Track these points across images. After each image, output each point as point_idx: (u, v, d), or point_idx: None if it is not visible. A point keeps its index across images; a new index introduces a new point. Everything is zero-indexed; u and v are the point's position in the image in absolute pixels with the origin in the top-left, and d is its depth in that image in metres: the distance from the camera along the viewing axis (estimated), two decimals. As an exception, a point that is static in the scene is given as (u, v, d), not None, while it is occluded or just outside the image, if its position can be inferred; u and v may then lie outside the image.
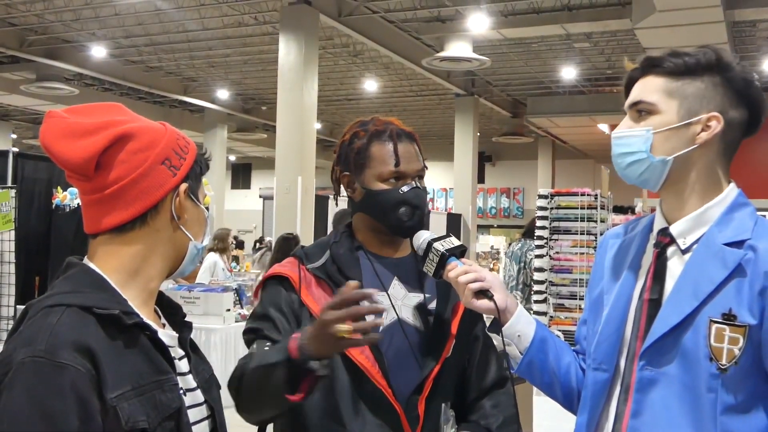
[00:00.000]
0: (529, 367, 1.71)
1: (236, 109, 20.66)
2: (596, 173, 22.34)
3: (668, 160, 1.56)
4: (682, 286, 1.53)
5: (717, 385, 1.45)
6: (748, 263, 1.47)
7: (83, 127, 1.34)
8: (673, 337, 1.50)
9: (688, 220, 1.58)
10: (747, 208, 1.58)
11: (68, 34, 14.83)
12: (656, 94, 1.57)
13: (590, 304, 1.75)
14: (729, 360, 1.45)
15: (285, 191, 10.92)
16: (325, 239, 2.02)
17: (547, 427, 3.28)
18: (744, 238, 1.50)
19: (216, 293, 7.99)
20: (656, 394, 1.51)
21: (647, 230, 1.68)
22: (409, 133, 1.98)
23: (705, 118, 1.54)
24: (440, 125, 22.29)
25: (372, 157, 1.93)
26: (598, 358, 1.63)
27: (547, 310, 6.08)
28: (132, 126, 1.38)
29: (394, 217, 1.91)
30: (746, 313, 1.45)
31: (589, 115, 17.82)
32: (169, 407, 1.30)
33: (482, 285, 1.69)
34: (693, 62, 1.56)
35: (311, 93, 11.38)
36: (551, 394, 1.78)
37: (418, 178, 1.96)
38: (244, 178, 29.62)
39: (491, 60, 13.85)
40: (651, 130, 1.56)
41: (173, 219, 1.41)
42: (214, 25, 13.89)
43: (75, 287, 1.31)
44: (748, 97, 1.57)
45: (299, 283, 1.89)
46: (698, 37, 10.67)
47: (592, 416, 1.62)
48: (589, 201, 6.11)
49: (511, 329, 1.70)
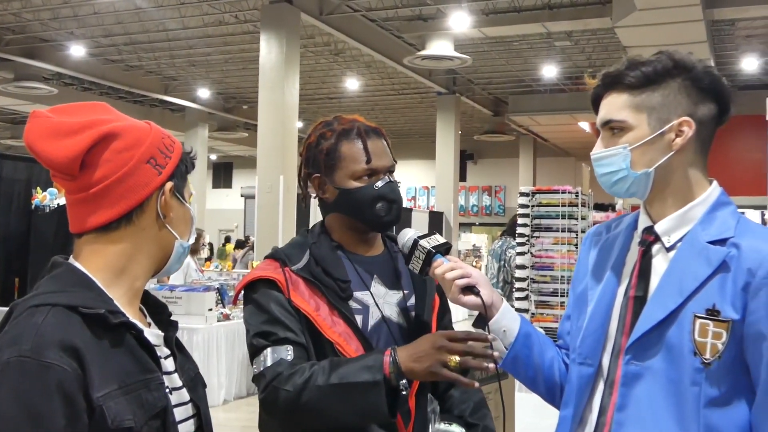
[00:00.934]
0: (514, 361, 1.74)
1: (217, 108, 20.58)
2: (577, 171, 22.46)
3: (650, 171, 1.59)
4: (667, 283, 1.56)
5: (701, 378, 1.48)
6: (732, 260, 1.50)
7: (68, 127, 1.34)
8: (658, 332, 1.53)
9: (672, 219, 1.61)
10: (729, 207, 1.61)
11: (46, 33, 14.71)
12: (624, 111, 1.60)
13: (574, 300, 1.78)
14: (712, 354, 1.48)
15: (267, 190, 10.90)
16: (300, 240, 2.01)
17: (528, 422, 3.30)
18: (727, 236, 1.53)
19: (198, 293, 7.97)
20: (641, 388, 1.54)
21: (631, 228, 1.71)
22: (376, 129, 1.98)
23: (676, 124, 1.57)
24: (422, 124, 22.32)
25: (342, 156, 1.93)
26: (584, 353, 1.66)
27: (528, 308, 6.11)
28: (117, 125, 1.37)
29: (372, 213, 1.92)
30: (729, 308, 1.48)
31: (569, 113, 17.90)
32: (155, 406, 1.30)
33: (469, 281, 1.71)
34: (651, 71, 1.58)
35: (293, 92, 11.36)
36: (534, 389, 1.81)
37: (390, 172, 1.97)
38: (225, 177, 29.51)
39: (472, 58, 13.89)
40: (627, 147, 1.59)
41: (159, 218, 1.41)
42: (194, 24, 13.83)
43: (60, 286, 1.31)
44: (713, 91, 1.60)
45: (286, 284, 1.89)
46: (678, 36, 10.76)
47: (576, 410, 1.65)
48: (569, 198, 6.15)
49: (496, 325, 1.73)
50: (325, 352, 1.83)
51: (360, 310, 1.90)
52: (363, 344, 1.85)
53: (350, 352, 1.82)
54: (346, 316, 1.86)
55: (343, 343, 1.83)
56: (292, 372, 1.75)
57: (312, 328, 1.85)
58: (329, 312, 1.86)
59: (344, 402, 1.69)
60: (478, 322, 1.76)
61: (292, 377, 1.74)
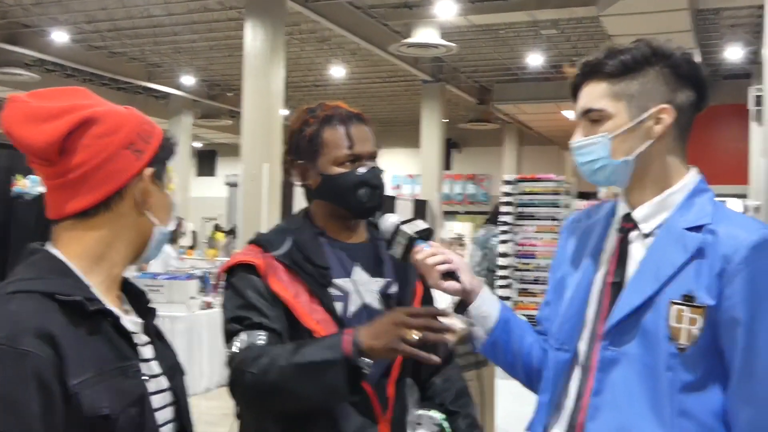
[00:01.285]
0: (493, 347, 1.75)
1: (201, 95, 20.46)
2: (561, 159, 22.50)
3: (630, 160, 1.60)
4: (644, 269, 1.58)
5: (675, 364, 1.50)
6: (708, 246, 1.52)
7: (46, 111, 1.33)
8: (634, 318, 1.55)
9: (650, 206, 1.62)
10: (706, 194, 1.62)
11: (29, 19, 14.56)
12: (603, 99, 1.60)
13: (553, 286, 1.80)
14: (688, 340, 1.50)
15: (251, 178, 10.85)
16: (283, 225, 2.02)
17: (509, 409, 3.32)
18: (704, 222, 1.55)
19: (180, 281, 7.95)
20: (617, 373, 1.56)
21: (610, 215, 1.72)
22: (359, 115, 1.99)
23: (655, 111, 1.58)
24: (407, 112, 22.27)
25: (325, 142, 1.93)
26: (561, 338, 1.68)
27: (511, 295, 6.14)
28: (96, 110, 1.36)
29: (354, 199, 1.92)
30: (705, 294, 1.49)
31: (554, 101, 17.90)
32: (132, 393, 1.30)
33: (449, 267, 1.72)
34: (629, 59, 1.59)
35: (278, 79, 11.30)
36: (513, 374, 1.82)
37: (372, 158, 1.97)
38: (209, 165, 29.35)
39: (458, 46, 13.86)
40: (607, 135, 1.60)
41: (138, 204, 1.40)
42: (179, 11, 13.72)
43: (37, 273, 1.30)
44: (691, 78, 1.61)
45: (266, 270, 1.88)
46: (663, 25, 10.78)
47: (553, 395, 1.67)
48: (553, 187, 6.17)
49: (476, 310, 1.74)
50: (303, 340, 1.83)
51: (340, 297, 1.90)
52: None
53: None
54: (325, 303, 1.86)
55: (322, 331, 1.84)
56: (258, 354, 1.75)
57: (290, 316, 1.85)
58: (309, 299, 1.86)
59: (305, 381, 1.68)
60: (459, 308, 1.77)
61: (257, 360, 1.74)
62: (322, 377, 1.67)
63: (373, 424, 1.85)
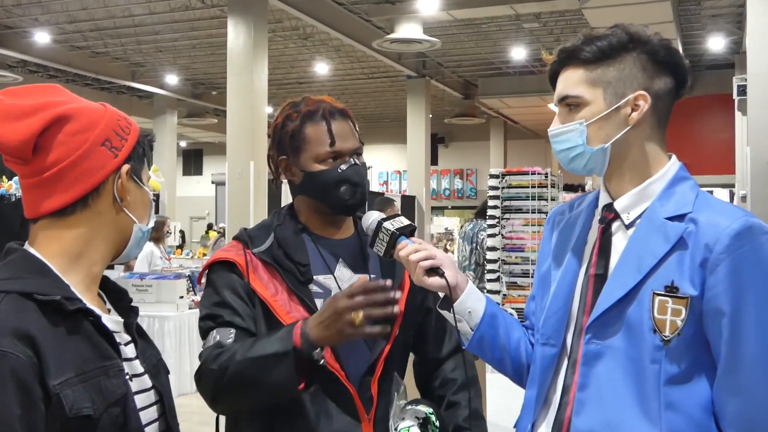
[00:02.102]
0: (480, 342, 1.72)
1: (186, 94, 20.38)
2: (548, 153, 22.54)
3: (606, 147, 1.58)
4: (626, 261, 1.55)
5: (660, 356, 1.48)
6: (690, 236, 1.49)
7: (19, 109, 1.30)
8: (617, 310, 1.53)
9: (631, 195, 1.60)
10: (688, 182, 1.60)
11: (10, 20, 14.46)
12: (579, 86, 1.59)
13: (538, 280, 1.77)
14: (672, 331, 1.48)
15: (237, 176, 10.83)
16: (268, 221, 2.00)
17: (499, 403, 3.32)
18: (685, 211, 1.53)
19: (169, 280, 7.91)
20: (602, 367, 1.54)
21: (593, 206, 1.70)
22: (342, 110, 1.96)
23: (632, 98, 1.56)
24: (392, 107, 22.27)
25: (307, 138, 1.91)
26: (546, 333, 1.66)
27: (500, 289, 6.14)
28: (70, 107, 1.34)
29: (335, 196, 1.90)
30: (688, 284, 1.47)
31: (539, 95, 17.93)
32: (115, 393, 1.28)
33: (433, 263, 1.69)
34: (606, 46, 1.57)
35: (261, 77, 11.27)
36: (501, 369, 1.80)
37: (356, 154, 1.95)
38: (195, 164, 29.28)
39: (442, 41, 13.86)
40: (583, 123, 1.58)
41: (116, 201, 1.38)
42: (160, 9, 13.65)
43: (14, 273, 1.28)
44: (670, 64, 1.59)
45: (246, 267, 1.87)
46: (644, 16, 10.80)
47: (540, 390, 1.65)
48: (539, 180, 6.17)
49: (461, 306, 1.71)
50: None
51: (321, 294, 1.88)
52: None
53: None
54: (304, 300, 1.84)
55: None
56: (221, 351, 1.74)
57: (269, 314, 1.83)
58: (288, 297, 1.85)
59: (258, 374, 1.67)
60: (443, 304, 1.74)
61: (219, 356, 1.73)
62: (273, 370, 1.65)
63: (357, 424, 1.82)
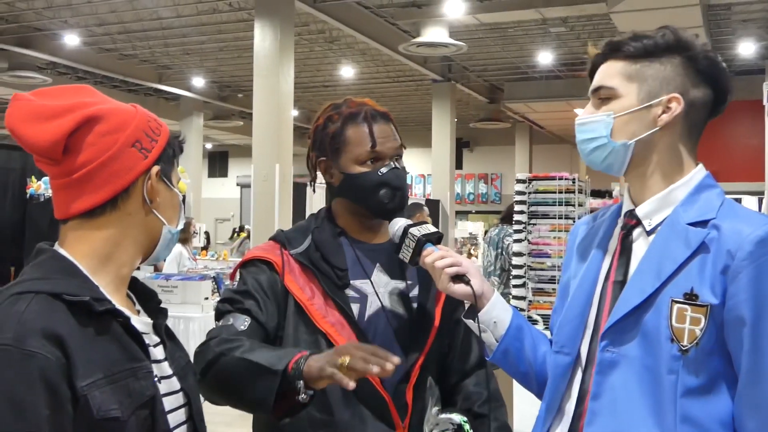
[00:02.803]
0: (505, 355, 1.68)
1: (212, 96, 20.49)
2: (573, 158, 22.41)
3: (630, 144, 1.54)
4: (645, 267, 1.51)
5: (678, 366, 1.42)
6: (712, 242, 1.44)
7: (50, 110, 1.30)
8: (634, 317, 1.48)
9: (653, 201, 1.56)
10: (714, 190, 1.55)
11: (40, 22, 14.61)
12: (616, 78, 1.56)
13: (560, 291, 1.73)
14: (690, 341, 1.42)
15: (262, 179, 10.85)
16: (305, 224, 1.99)
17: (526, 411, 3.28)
18: (708, 217, 1.48)
19: (194, 281, 7.94)
20: (616, 376, 1.49)
21: (615, 215, 1.66)
22: (384, 113, 1.95)
23: (665, 99, 1.53)
24: (418, 111, 22.25)
25: (348, 140, 1.90)
26: (560, 341, 1.61)
27: (525, 295, 6.09)
28: (101, 107, 1.34)
29: (375, 199, 1.88)
30: (708, 292, 1.42)
31: (565, 99, 17.84)
32: (143, 395, 1.27)
33: (459, 270, 1.66)
34: (651, 44, 1.55)
35: (287, 80, 11.29)
36: (526, 384, 1.75)
37: (397, 158, 1.93)
38: (221, 166, 29.43)
39: (468, 45, 13.82)
40: (612, 115, 1.55)
41: (145, 203, 1.38)
42: (188, 12, 13.73)
43: (44, 274, 1.28)
44: (711, 76, 1.55)
45: (282, 267, 1.86)
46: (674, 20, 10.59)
47: (553, 400, 1.60)
48: (566, 185, 6.11)
49: (487, 315, 1.67)
50: (317, 342, 1.80)
51: (357, 298, 1.86)
52: (357, 334, 1.81)
53: (342, 342, 1.77)
54: (340, 305, 1.83)
55: (335, 334, 1.80)
56: (228, 339, 1.72)
57: (305, 317, 1.82)
58: (324, 301, 1.83)
59: (244, 379, 1.63)
60: (468, 313, 1.71)
61: (224, 342, 1.71)
62: (256, 380, 1.61)
63: (391, 431, 1.80)
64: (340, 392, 1.78)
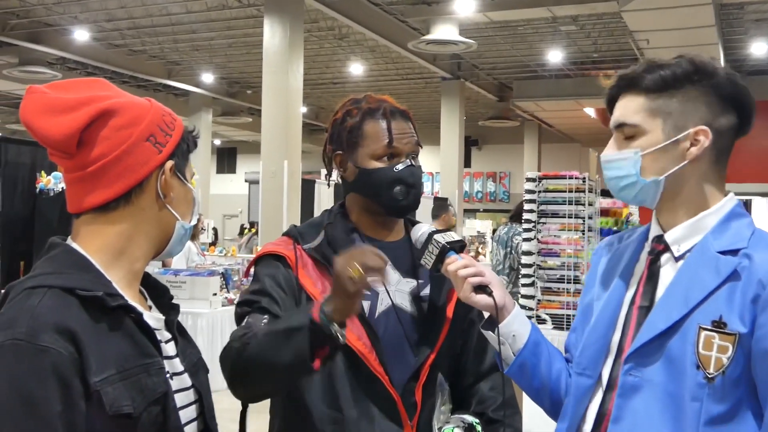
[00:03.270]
0: (521, 369, 1.67)
1: (221, 92, 20.52)
2: (582, 157, 22.39)
3: (660, 180, 1.52)
4: (673, 292, 1.49)
5: (702, 394, 1.40)
6: (743, 270, 1.42)
7: (65, 103, 1.29)
8: (659, 342, 1.46)
9: (683, 228, 1.53)
10: (745, 219, 1.53)
11: (50, 18, 14.65)
12: (638, 114, 1.52)
13: (581, 311, 1.71)
14: (717, 369, 1.40)
15: (271, 175, 10.86)
16: (318, 219, 1.98)
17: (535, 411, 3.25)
18: (740, 247, 1.46)
19: (202, 277, 7.95)
20: (639, 401, 1.47)
21: (642, 238, 1.64)
22: (403, 111, 1.94)
23: (692, 132, 1.49)
24: (426, 109, 22.24)
25: (365, 135, 1.89)
26: (582, 363, 1.60)
27: (534, 294, 6.07)
28: (116, 101, 1.33)
29: (389, 196, 1.87)
30: (737, 320, 1.40)
31: (575, 98, 17.80)
32: (155, 391, 1.27)
33: (482, 280, 1.64)
34: (670, 76, 1.51)
35: (296, 76, 11.30)
36: (539, 401, 1.73)
37: (413, 156, 1.92)
38: (229, 162, 29.48)
39: (477, 43, 13.80)
40: (639, 152, 1.52)
41: (159, 198, 1.37)
42: (197, 8, 13.76)
43: (57, 268, 1.27)
44: (735, 100, 1.52)
45: (296, 262, 1.85)
46: (685, 20, 10.67)
47: (572, 422, 1.58)
48: (577, 184, 6.09)
49: (507, 328, 1.65)
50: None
51: (368, 296, 1.84)
52: (367, 331, 1.80)
53: (353, 339, 1.76)
54: None
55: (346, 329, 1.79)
56: (245, 332, 1.71)
57: None
58: None
59: (275, 348, 1.61)
60: (488, 324, 1.70)
61: (243, 336, 1.69)
62: (288, 345, 1.59)
63: (399, 430, 1.79)
64: (350, 390, 1.78)
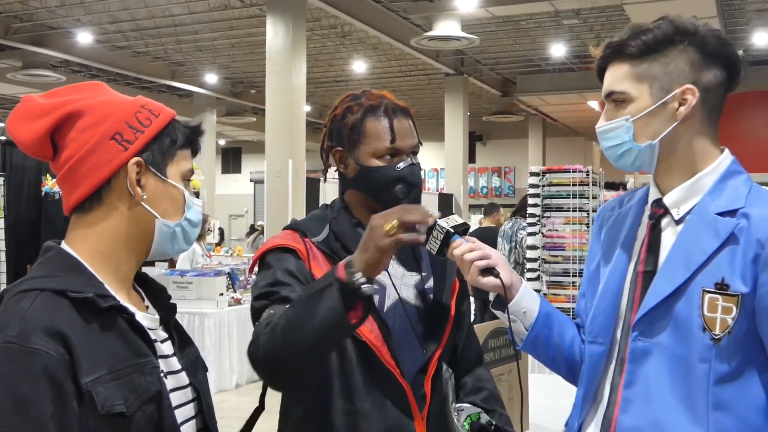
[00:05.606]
0: (534, 342, 1.70)
1: (225, 93, 20.54)
2: (587, 150, 22.31)
3: (654, 143, 1.54)
4: (675, 257, 1.51)
5: (710, 355, 1.44)
6: (741, 231, 1.45)
7: (40, 108, 1.33)
8: (665, 307, 1.49)
9: (680, 190, 1.56)
10: (741, 176, 1.55)
11: (53, 21, 14.69)
12: (625, 81, 1.55)
13: (587, 277, 1.74)
14: (722, 330, 1.43)
15: (276, 174, 10.87)
16: (319, 214, 1.97)
17: (542, 404, 3.27)
18: (737, 206, 1.48)
19: (209, 277, 7.97)
20: (649, 365, 1.50)
21: (642, 202, 1.66)
22: (404, 108, 1.94)
23: (679, 92, 1.52)
24: (430, 105, 22.23)
25: (367, 132, 1.88)
26: (594, 331, 1.63)
27: (540, 288, 6.07)
28: (84, 103, 1.34)
29: (390, 194, 1.86)
30: (739, 281, 1.43)
31: (578, 92, 17.76)
32: (149, 390, 1.27)
33: (488, 263, 1.66)
34: (651, 39, 1.53)
35: (300, 75, 11.30)
36: (555, 369, 1.78)
37: (413, 154, 1.92)
38: (234, 162, 29.50)
39: (480, 39, 13.77)
40: (630, 119, 1.55)
41: (131, 195, 1.36)
42: (200, 9, 13.77)
43: (50, 271, 1.29)
44: (720, 55, 1.54)
45: (307, 254, 1.84)
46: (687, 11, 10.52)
47: (589, 389, 1.62)
48: (580, 177, 6.09)
49: (516, 306, 1.69)
50: None
51: (376, 290, 1.85)
52: (379, 324, 1.81)
53: (365, 332, 1.77)
54: None
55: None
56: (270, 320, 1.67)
57: None
58: None
59: (307, 314, 1.58)
60: (497, 304, 1.72)
61: (269, 324, 1.66)
62: (320, 302, 1.56)
63: (410, 421, 1.80)
64: (362, 382, 1.79)
